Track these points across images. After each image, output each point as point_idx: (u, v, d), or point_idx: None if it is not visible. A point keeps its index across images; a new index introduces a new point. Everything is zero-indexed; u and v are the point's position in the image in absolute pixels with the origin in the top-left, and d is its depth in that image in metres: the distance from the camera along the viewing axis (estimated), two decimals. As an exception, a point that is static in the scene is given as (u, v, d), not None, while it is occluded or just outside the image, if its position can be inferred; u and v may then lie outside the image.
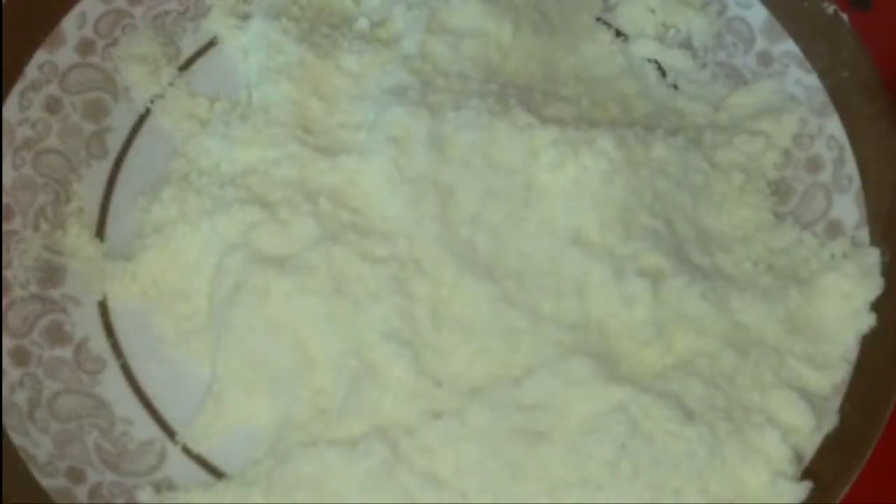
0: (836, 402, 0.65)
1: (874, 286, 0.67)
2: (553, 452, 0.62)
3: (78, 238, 0.71)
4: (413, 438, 0.63)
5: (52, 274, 0.70)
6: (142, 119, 0.75)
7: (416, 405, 0.64)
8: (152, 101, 0.76)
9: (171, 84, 0.76)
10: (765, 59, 0.76)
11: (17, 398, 0.65)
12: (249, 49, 0.76)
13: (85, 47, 0.75)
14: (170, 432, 0.67)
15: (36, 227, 0.71)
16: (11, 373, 0.66)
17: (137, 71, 0.76)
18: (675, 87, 0.78)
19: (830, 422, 0.64)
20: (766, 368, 0.65)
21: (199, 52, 0.78)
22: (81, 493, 0.64)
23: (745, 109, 0.75)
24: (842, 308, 0.67)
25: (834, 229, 0.71)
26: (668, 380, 0.64)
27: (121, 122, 0.75)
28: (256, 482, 0.63)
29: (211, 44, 0.78)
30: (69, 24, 0.74)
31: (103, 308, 0.70)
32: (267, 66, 0.73)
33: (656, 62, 0.78)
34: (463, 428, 0.63)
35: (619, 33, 0.79)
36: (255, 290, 0.66)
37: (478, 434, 0.63)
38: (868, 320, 0.67)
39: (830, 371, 0.66)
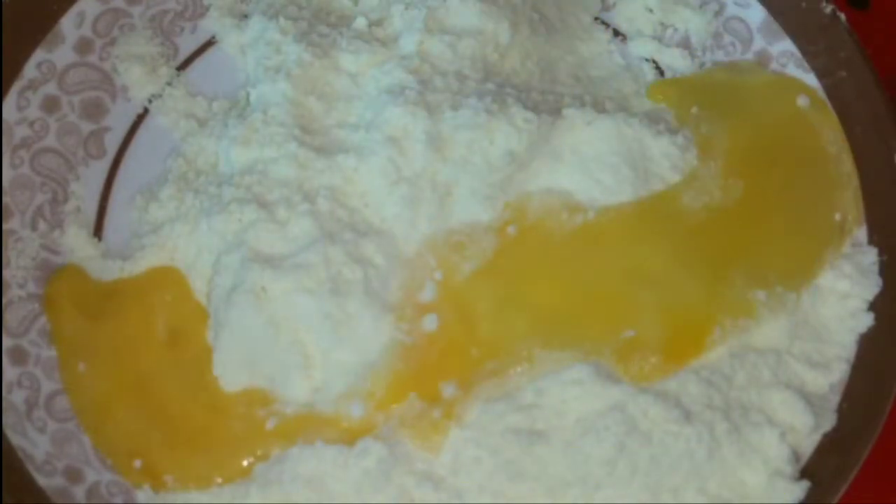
0: (835, 401, 0.65)
1: (872, 285, 0.67)
2: (551, 452, 0.62)
3: (76, 237, 0.71)
4: (410, 438, 0.63)
5: (50, 273, 0.70)
6: (140, 119, 0.75)
7: (413, 404, 0.64)
8: (150, 101, 0.76)
9: (169, 83, 0.76)
10: (763, 58, 0.76)
11: (15, 397, 0.65)
12: (248, 48, 0.76)
13: (83, 47, 0.75)
14: (168, 431, 0.67)
15: (34, 227, 0.70)
16: (9, 372, 0.66)
17: (136, 70, 0.76)
18: (674, 86, 0.78)
19: (829, 421, 0.64)
20: (765, 368, 0.65)
21: (198, 52, 0.78)
22: (79, 492, 0.63)
23: (742, 108, 0.75)
24: (840, 307, 0.67)
25: (832, 228, 0.71)
26: (666, 379, 0.64)
27: (119, 121, 0.75)
28: (254, 481, 0.63)
29: (209, 43, 0.78)
30: (67, 24, 0.74)
31: (101, 307, 0.70)
32: (265, 66, 0.73)
33: (654, 62, 0.78)
34: (461, 427, 0.63)
35: (617, 33, 0.79)
36: (253, 289, 0.66)
37: (476, 433, 0.63)
38: (866, 320, 0.67)
39: (829, 370, 0.66)
